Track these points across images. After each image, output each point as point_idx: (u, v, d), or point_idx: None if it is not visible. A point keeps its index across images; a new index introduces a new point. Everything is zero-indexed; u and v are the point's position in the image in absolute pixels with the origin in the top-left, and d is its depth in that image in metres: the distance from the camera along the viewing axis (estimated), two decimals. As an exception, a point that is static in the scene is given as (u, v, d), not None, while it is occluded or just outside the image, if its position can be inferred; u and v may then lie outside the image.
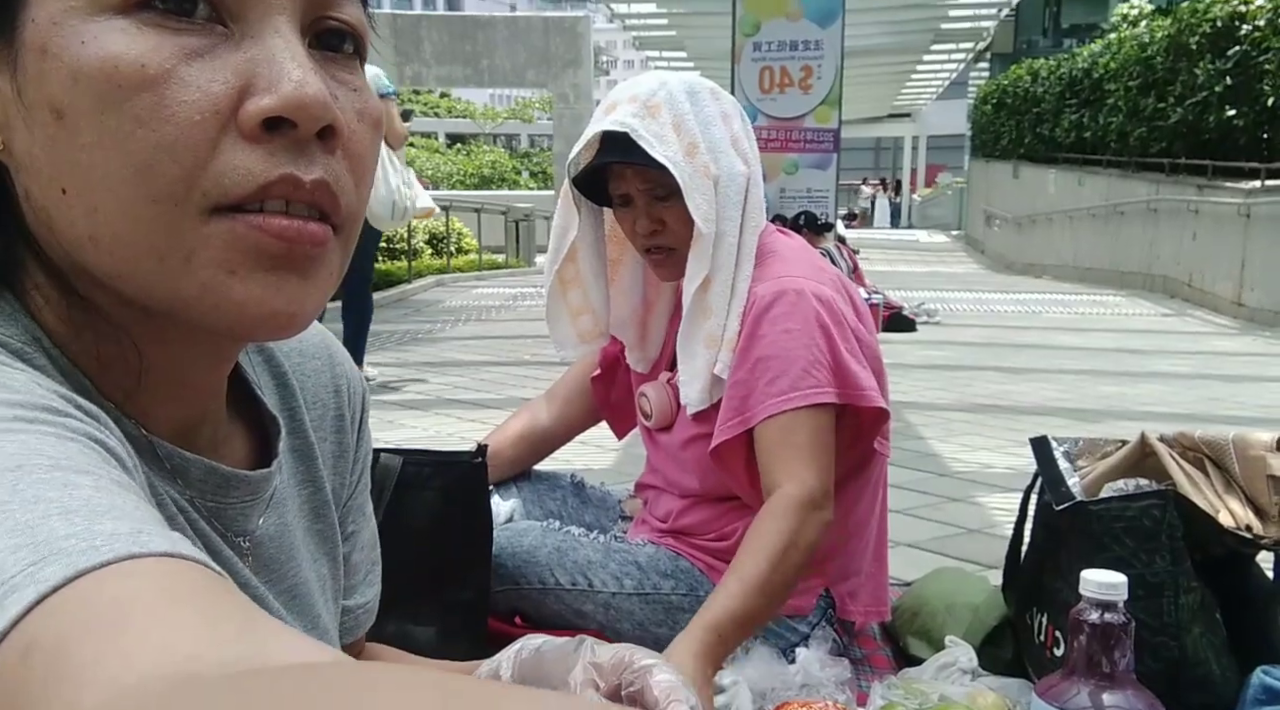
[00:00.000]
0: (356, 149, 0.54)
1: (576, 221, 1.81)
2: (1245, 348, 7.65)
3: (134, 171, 0.48)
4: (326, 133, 0.51)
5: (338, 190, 0.53)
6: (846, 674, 1.64)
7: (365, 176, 0.56)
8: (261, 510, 0.64)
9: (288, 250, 0.51)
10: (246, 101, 0.49)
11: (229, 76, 0.49)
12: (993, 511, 3.19)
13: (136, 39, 0.47)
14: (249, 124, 0.49)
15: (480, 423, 4.31)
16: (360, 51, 0.56)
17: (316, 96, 0.49)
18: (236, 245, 0.50)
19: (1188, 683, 1.46)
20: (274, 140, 0.50)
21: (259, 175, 0.49)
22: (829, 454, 1.62)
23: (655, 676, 0.64)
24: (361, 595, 0.82)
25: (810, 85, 7.44)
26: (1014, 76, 18.51)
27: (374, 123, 0.56)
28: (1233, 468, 1.63)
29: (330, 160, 0.52)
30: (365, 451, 0.80)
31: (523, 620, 1.82)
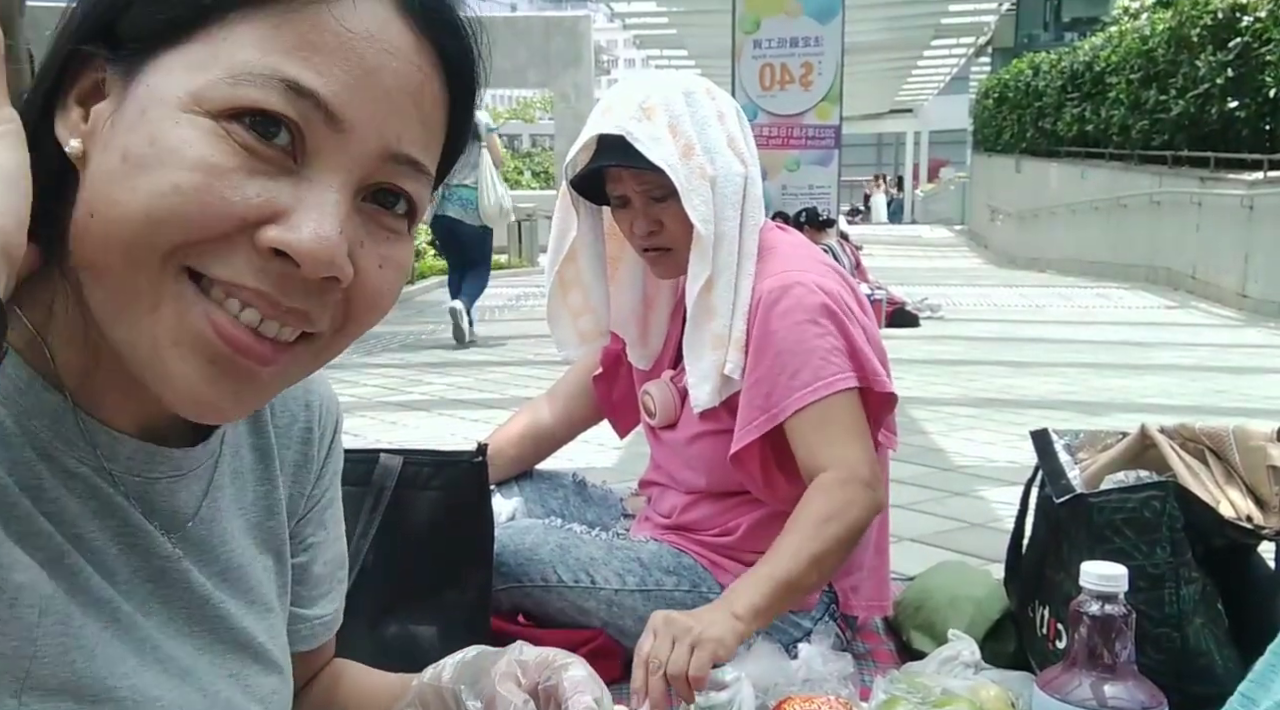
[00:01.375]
0: (362, 294, 0.60)
1: (575, 222, 1.81)
2: (1249, 339, 7.64)
3: (147, 221, 0.54)
4: (328, 279, 0.57)
5: (319, 316, 0.59)
6: (849, 669, 1.64)
7: (364, 314, 0.62)
8: (190, 491, 0.67)
9: (230, 355, 0.57)
10: (272, 226, 0.55)
11: (272, 198, 0.55)
12: (995, 505, 3.19)
13: (219, 141, 0.54)
14: (262, 243, 0.55)
15: (483, 423, 4.31)
16: (411, 215, 0.62)
17: (328, 251, 0.56)
18: (188, 324, 0.56)
19: (1190, 673, 1.46)
20: (275, 264, 0.56)
21: (239, 274, 0.56)
22: (866, 436, 1.62)
23: (569, 673, 0.73)
24: (321, 608, 0.84)
25: (811, 82, 7.44)
26: (1015, 71, 18.49)
27: (398, 270, 0.62)
28: (1233, 458, 1.63)
29: (324, 298, 0.59)
30: (333, 469, 0.83)
31: (526, 619, 1.82)
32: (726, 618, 1.41)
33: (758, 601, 1.46)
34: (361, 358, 6.75)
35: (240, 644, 0.70)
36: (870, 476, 1.58)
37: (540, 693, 0.75)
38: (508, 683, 0.75)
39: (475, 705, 0.76)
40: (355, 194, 0.58)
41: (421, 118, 0.60)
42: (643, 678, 1.35)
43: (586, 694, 0.74)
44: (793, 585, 1.50)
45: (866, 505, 1.56)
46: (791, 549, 1.51)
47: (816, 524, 1.52)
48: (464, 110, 0.64)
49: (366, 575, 1.62)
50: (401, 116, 0.58)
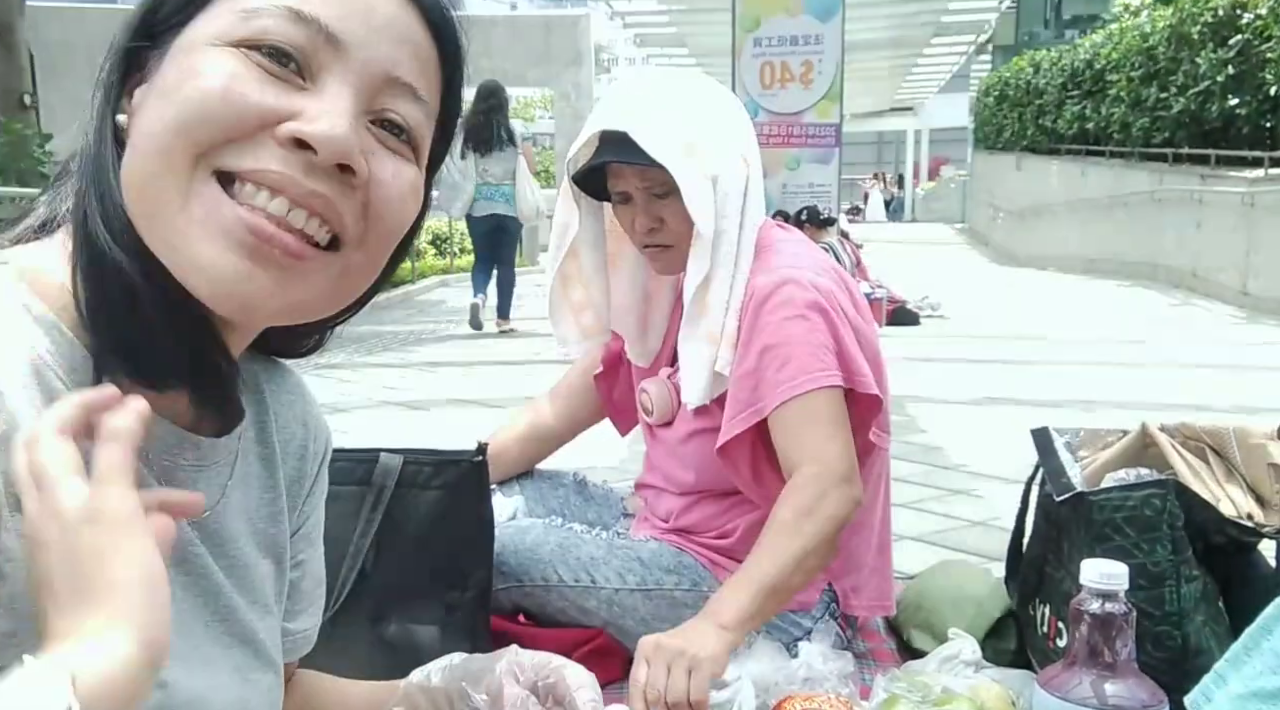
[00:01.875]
0: (378, 197, 0.65)
1: (577, 218, 1.81)
2: (1251, 337, 7.63)
3: (175, 127, 0.60)
4: (347, 169, 0.63)
5: (340, 209, 0.64)
6: (850, 667, 1.64)
7: (380, 222, 0.66)
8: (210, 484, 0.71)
9: (257, 246, 0.61)
10: (289, 121, 0.61)
11: (287, 102, 0.62)
12: (996, 504, 3.18)
13: (236, 58, 0.62)
14: (282, 136, 0.61)
15: (483, 422, 4.31)
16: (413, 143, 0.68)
17: (340, 136, 0.61)
18: (218, 218, 0.61)
19: (1190, 672, 1.45)
20: (296, 154, 0.61)
21: (265, 161, 0.61)
22: (847, 432, 1.62)
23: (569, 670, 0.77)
24: (302, 622, 0.86)
25: (811, 80, 7.44)
26: (1016, 68, 18.48)
27: (408, 186, 0.67)
28: (1234, 456, 1.63)
29: (344, 190, 0.63)
30: (320, 489, 0.87)
31: (526, 618, 1.82)
32: (714, 631, 1.41)
33: (744, 609, 1.46)
34: (362, 357, 6.75)
35: (245, 638, 0.72)
36: (847, 471, 1.58)
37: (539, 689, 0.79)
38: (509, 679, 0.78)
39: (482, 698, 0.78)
40: (363, 111, 0.65)
41: (414, 54, 0.67)
42: (643, 708, 1.35)
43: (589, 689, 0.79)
44: (777, 588, 1.50)
45: (842, 500, 1.56)
46: (772, 551, 1.51)
47: (794, 523, 1.53)
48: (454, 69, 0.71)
49: (367, 575, 1.62)
50: (397, 45, 0.65)
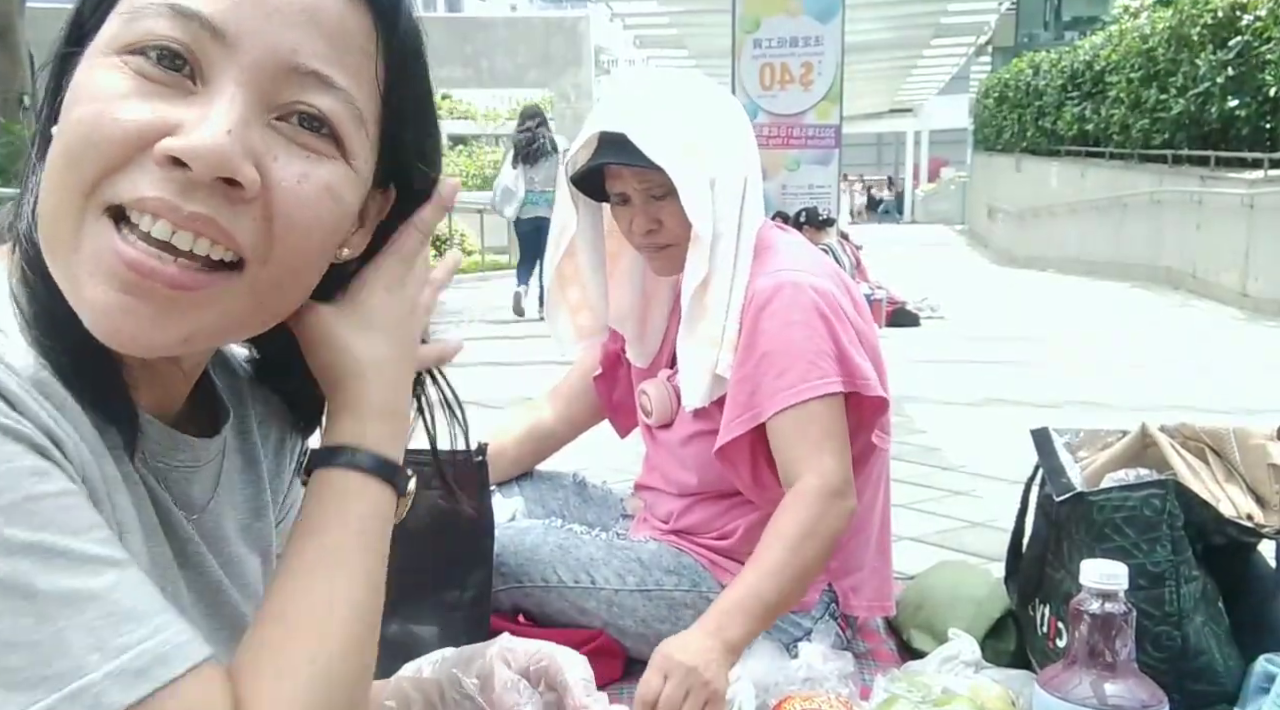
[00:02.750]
0: (280, 205, 0.60)
1: (575, 219, 1.81)
2: (1250, 338, 7.63)
3: (66, 161, 0.58)
4: (233, 183, 0.58)
5: (232, 229, 0.59)
6: (849, 667, 1.64)
7: (289, 231, 0.61)
8: (203, 483, 0.71)
9: (137, 281, 0.58)
10: (165, 138, 0.57)
11: (166, 115, 0.58)
12: (996, 505, 3.18)
13: (116, 71, 0.58)
14: (157, 155, 0.57)
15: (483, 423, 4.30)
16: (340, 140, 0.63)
17: (215, 149, 0.57)
18: (100, 254, 0.58)
19: (1190, 672, 1.46)
20: (174, 173, 0.57)
21: (142, 188, 0.57)
22: (844, 442, 1.63)
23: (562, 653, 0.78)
24: None
25: (811, 81, 7.42)
26: (1015, 70, 18.49)
27: (322, 188, 0.62)
28: (1234, 457, 1.63)
29: (232, 206, 0.59)
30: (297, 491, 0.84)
31: (526, 619, 1.82)
32: (722, 651, 1.42)
33: (751, 628, 1.49)
34: (362, 358, 6.73)
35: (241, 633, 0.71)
36: (842, 485, 1.59)
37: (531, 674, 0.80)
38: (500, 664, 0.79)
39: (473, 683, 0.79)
40: (265, 109, 0.60)
41: (324, 33, 0.61)
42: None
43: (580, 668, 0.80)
44: (779, 605, 1.54)
45: (840, 515, 1.58)
46: (779, 567, 1.52)
47: (799, 540, 1.53)
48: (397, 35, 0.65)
49: (366, 575, 1.62)
50: (296, 28, 0.60)
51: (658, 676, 1.37)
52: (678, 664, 1.37)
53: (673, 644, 1.41)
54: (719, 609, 1.49)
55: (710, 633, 1.44)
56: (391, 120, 0.67)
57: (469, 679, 0.80)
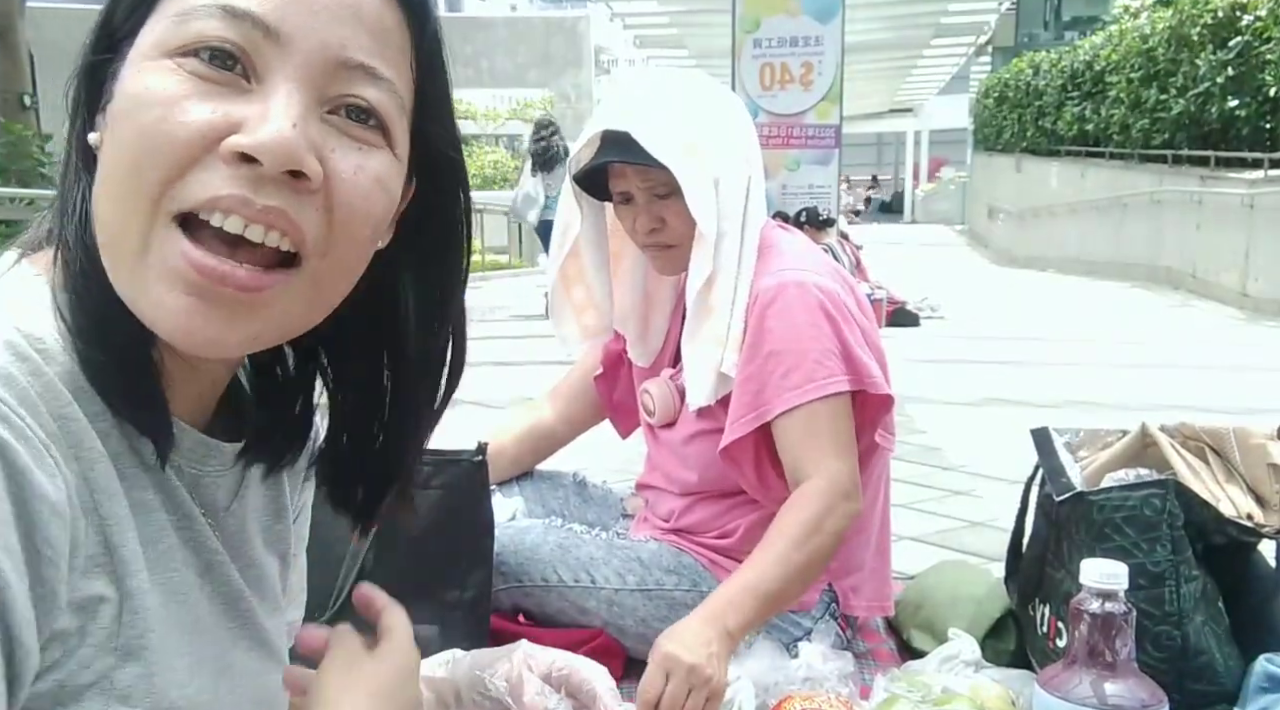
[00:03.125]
0: (340, 196, 0.62)
1: (579, 218, 1.81)
2: (1250, 338, 7.63)
3: (129, 168, 0.58)
4: (299, 175, 0.59)
5: (300, 219, 0.60)
6: (849, 667, 1.64)
7: (348, 222, 0.63)
8: (228, 487, 0.71)
9: (208, 286, 0.59)
10: (232, 136, 0.58)
11: (228, 114, 0.58)
12: (995, 505, 3.18)
13: (171, 74, 0.59)
14: (225, 153, 0.58)
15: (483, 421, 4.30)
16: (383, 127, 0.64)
17: (283, 143, 0.58)
18: (170, 261, 0.59)
19: (1190, 672, 1.46)
20: (243, 169, 0.58)
21: (212, 188, 0.58)
22: (851, 442, 1.63)
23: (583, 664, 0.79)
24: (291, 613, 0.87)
25: (811, 81, 7.43)
26: (1015, 70, 18.49)
27: (375, 179, 0.64)
28: (1234, 456, 1.63)
29: (300, 198, 0.60)
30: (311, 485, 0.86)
31: (526, 618, 1.82)
32: (725, 644, 1.42)
33: (750, 618, 1.48)
34: (362, 358, 6.73)
35: (262, 640, 0.73)
36: (850, 486, 1.59)
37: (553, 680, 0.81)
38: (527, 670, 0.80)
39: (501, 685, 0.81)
40: (318, 104, 0.61)
41: (368, 28, 0.63)
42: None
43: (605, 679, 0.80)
44: (781, 599, 1.54)
45: (844, 516, 1.59)
46: (783, 561, 1.52)
47: (803, 536, 1.54)
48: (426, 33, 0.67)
49: (366, 574, 1.61)
50: (343, 24, 0.62)
51: (660, 675, 1.36)
52: (679, 662, 1.37)
53: (673, 638, 1.41)
54: (719, 596, 1.50)
55: (708, 621, 1.44)
56: (421, 113, 0.68)
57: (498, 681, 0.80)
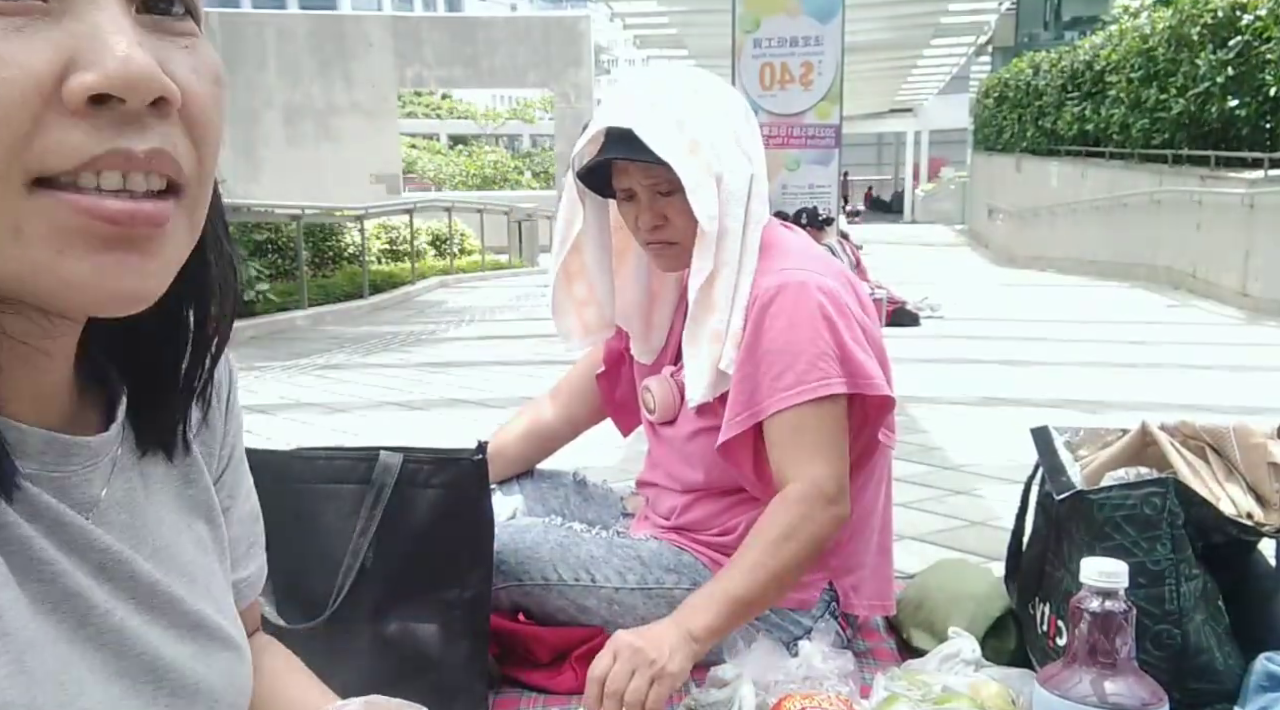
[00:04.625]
0: (196, 111, 0.54)
1: (581, 214, 1.81)
2: (1250, 338, 7.63)
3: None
4: (159, 101, 0.51)
5: (178, 155, 0.53)
6: (850, 666, 1.64)
7: (209, 136, 0.55)
8: (106, 476, 0.64)
9: (120, 232, 0.51)
10: (70, 77, 0.48)
11: (50, 53, 0.48)
12: (996, 504, 3.19)
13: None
14: (74, 100, 0.48)
15: (484, 422, 4.31)
16: (192, 10, 0.55)
17: (143, 69, 0.49)
18: (62, 225, 0.50)
19: (1190, 671, 1.46)
20: (101, 115, 0.49)
21: (83, 150, 0.49)
22: (840, 447, 1.63)
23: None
24: (244, 569, 0.81)
25: (811, 81, 7.43)
26: (1015, 70, 18.51)
27: (214, 77, 0.55)
28: (1234, 455, 1.63)
29: (167, 127, 0.52)
30: (235, 426, 0.79)
31: (526, 617, 1.82)
32: (685, 642, 1.44)
33: (715, 622, 1.49)
34: (361, 357, 6.75)
35: (195, 625, 0.67)
36: (835, 492, 1.60)
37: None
38: None
39: None
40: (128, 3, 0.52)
41: None
42: (597, 695, 1.39)
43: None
44: (750, 603, 1.54)
45: (826, 522, 1.59)
46: (749, 566, 1.54)
47: (776, 542, 1.55)
48: None
49: (366, 573, 1.62)
50: None
51: (608, 654, 1.41)
52: (626, 644, 1.41)
53: (631, 629, 1.46)
54: (688, 601, 1.53)
55: (671, 622, 1.48)
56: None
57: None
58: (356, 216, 10.85)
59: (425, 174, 27.15)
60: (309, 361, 6.48)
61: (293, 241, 9.49)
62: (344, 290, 9.95)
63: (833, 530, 1.61)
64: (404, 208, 12.52)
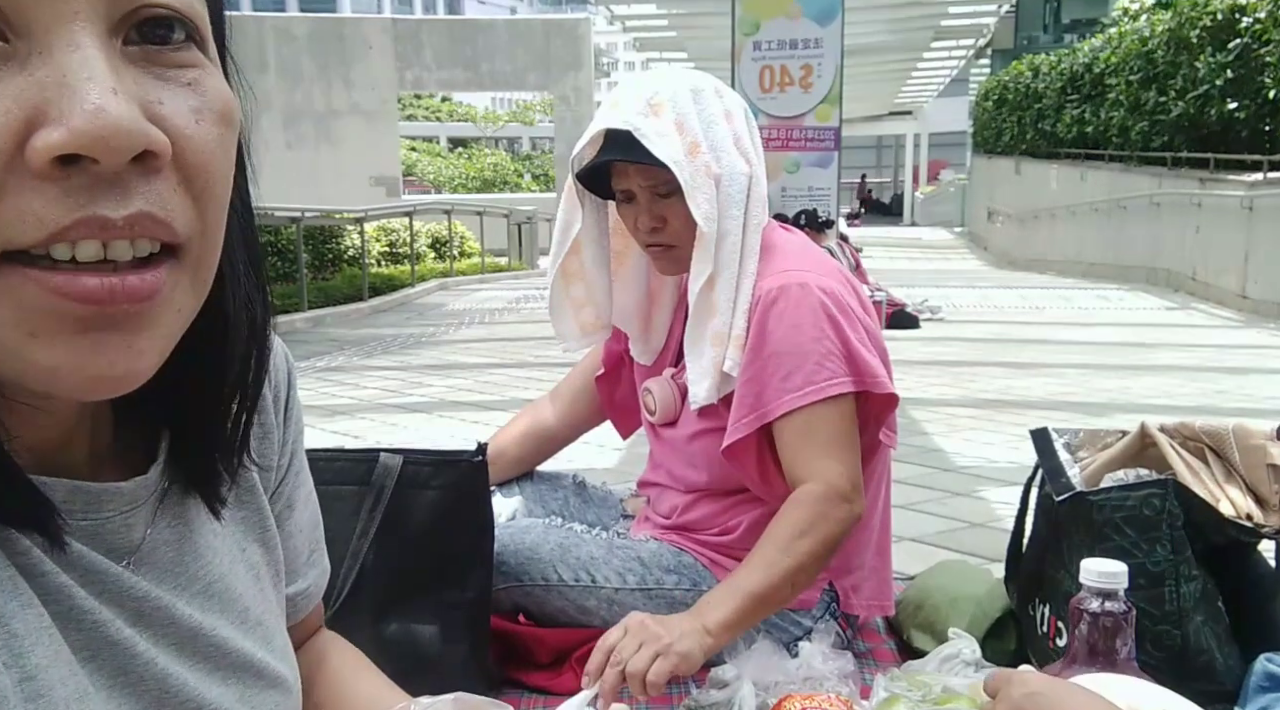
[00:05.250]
0: (194, 159, 0.48)
1: (580, 215, 1.81)
2: (1249, 340, 7.64)
3: None
4: (144, 156, 0.45)
5: (168, 214, 0.47)
6: (850, 667, 1.64)
7: (211, 186, 0.49)
8: (149, 518, 0.59)
9: (98, 314, 0.45)
10: (34, 135, 0.42)
11: (10, 106, 0.42)
12: (996, 505, 3.19)
13: None
14: (38, 162, 0.42)
15: (484, 424, 4.31)
16: (195, 38, 0.49)
17: (118, 124, 0.43)
18: (31, 306, 0.44)
19: (1190, 671, 1.46)
20: (72, 177, 0.43)
21: (50, 222, 0.43)
22: (852, 444, 1.63)
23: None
24: (304, 580, 0.79)
25: (811, 84, 7.43)
26: (1015, 72, 18.53)
27: (219, 117, 0.49)
28: (1233, 457, 1.63)
29: (155, 184, 0.46)
30: (295, 431, 0.75)
31: (526, 618, 1.82)
32: (698, 632, 1.44)
33: (730, 617, 1.48)
34: (361, 360, 6.75)
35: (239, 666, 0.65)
36: (849, 490, 1.60)
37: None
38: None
39: None
40: (110, 37, 0.45)
41: None
42: (600, 663, 1.39)
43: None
44: (766, 599, 1.53)
45: (841, 519, 1.58)
46: (766, 563, 1.53)
47: (791, 539, 1.55)
48: None
49: (367, 574, 1.62)
50: None
51: (619, 629, 1.42)
52: (639, 621, 1.42)
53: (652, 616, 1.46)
54: (703, 599, 1.53)
55: (687, 615, 1.48)
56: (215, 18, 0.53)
57: None
58: (356, 219, 10.86)
59: (425, 176, 27.18)
60: (309, 364, 6.48)
61: (292, 244, 9.50)
62: (344, 293, 9.96)
63: (848, 527, 1.60)
64: (404, 210, 12.53)
